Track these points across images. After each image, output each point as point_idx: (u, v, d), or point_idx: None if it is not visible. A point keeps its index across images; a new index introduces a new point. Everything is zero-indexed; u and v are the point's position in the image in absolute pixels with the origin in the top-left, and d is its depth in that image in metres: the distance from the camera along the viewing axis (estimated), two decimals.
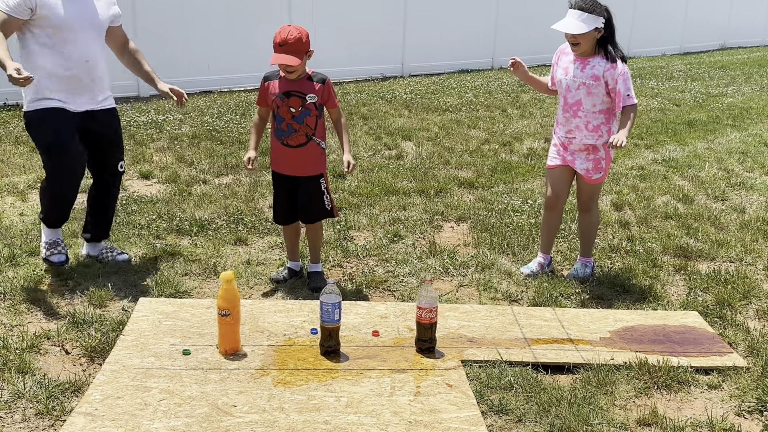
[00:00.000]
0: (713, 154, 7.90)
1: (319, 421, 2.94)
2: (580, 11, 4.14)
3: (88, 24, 4.17)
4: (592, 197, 4.56)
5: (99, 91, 4.30)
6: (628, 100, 4.19)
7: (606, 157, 4.40)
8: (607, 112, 4.31)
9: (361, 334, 3.69)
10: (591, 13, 4.13)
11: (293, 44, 3.86)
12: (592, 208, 4.58)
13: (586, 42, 4.20)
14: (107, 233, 4.61)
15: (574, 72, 4.30)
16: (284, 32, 3.88)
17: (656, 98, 11.32)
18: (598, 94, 4.26)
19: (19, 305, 3.89)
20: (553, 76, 4.50)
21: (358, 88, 11.35)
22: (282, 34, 3.87)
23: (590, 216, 4.59)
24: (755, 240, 5.31)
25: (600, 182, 4.49)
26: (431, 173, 6.77)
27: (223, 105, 9.53)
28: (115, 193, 4.57)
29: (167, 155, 7.09)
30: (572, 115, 4.36)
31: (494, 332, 3.77)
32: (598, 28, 4.15)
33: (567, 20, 4.19)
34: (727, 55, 18.00)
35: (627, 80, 4.19)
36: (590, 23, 4.13)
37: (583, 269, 4.59)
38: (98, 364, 3.36)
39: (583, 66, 4.27)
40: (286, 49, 3.87)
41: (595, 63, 4.24)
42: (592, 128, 4.32)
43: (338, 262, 4.68)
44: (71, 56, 4.10)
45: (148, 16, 9.83)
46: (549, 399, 3.17)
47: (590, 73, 4.25)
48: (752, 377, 3.43)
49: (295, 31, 3.89)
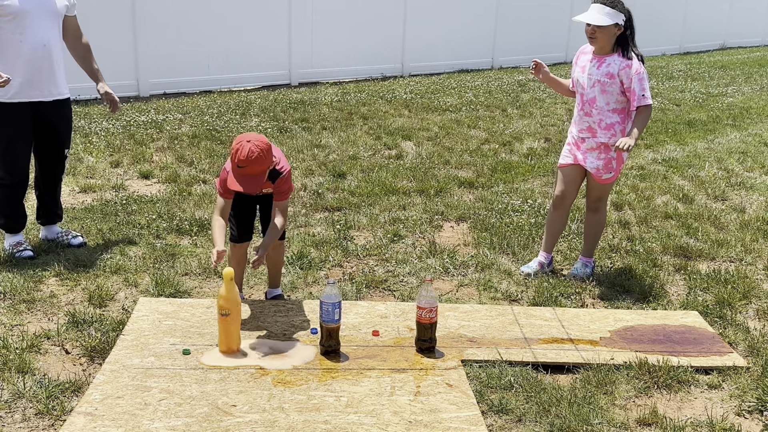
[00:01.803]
0: (713, 153, 7.91)
1: (319, 421, 2.94)
2: (603, 5, 4.17)
3: (45, 11, 4.32)
4: (601, 197, 4.55)
5: (56, 80, 4.45)
6: (642, 100, 4.19)
7: (618, 157, 4.38)
8: (622, 112, 4.31)
9: (361, 333, 3.69)
10: (613, 8, 4.15)
11: (255, 164, 3.40)
12: (601, 208, 4.58)
13: (604, 36, 4.21)
14: (60, 216, 4.82)
15: (590, 69, 4.32)
16: (243, 150, 3.37)
17: (656, 98, 11.31)
18: (613, 92, 4.26)
19: (19, 305, 3.89)
20: (573, 77, 4.51)
21: (358, 87, 11.35)
22: (241, 154, 3.37)
23: (598, 216, 4.58)
24: (755, 240, 5.31)
25: (610, 182, 4.48)
26: (431, 173, 6.77)
27: (223, 105, 9.53)
28: (60, 177, 4.76)
29: (167, 155, 7.08)
30: (586, 113, 4.36)
31: (494, 332, 3.77)
32: (618, 24, 4.17)
33: (590, 12, 4.20)
34: (727, 55, 18.01)
35: (643, 80, 4.20)
36: (611, 18, 4.15)
37: (583, 269, 4.59)
38: (98, 364, 3.36)
39: (599, 64, 4.29)
40: (248, 171, 3.43)
41: (611, 61, 4.25)
42: (605, 126, 4.31)
43: (338, 262, 4.68)
44: (28, 42, 4.26)
45: (148, 15, 9.82)
46: (549, 399, 3.17)
47: (605, 71, 4.26)
48: (752, 377, 3.43)
49: (255, 149, 3.38)
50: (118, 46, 9.57)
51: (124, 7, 9.63)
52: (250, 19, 10.83)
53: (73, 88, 4.91)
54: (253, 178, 3.47)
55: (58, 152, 4.63)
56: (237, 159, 3.40)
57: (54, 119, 4.52)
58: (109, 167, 6.62)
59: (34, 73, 4.33)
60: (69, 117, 4.65)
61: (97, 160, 6.77)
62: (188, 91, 10.37)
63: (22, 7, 4.22)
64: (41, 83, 4.38)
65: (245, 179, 3.46)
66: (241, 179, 3.46)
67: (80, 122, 8.09)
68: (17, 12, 4.21)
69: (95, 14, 9.20)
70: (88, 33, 4.70)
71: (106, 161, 6.77)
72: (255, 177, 3.47)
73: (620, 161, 4.42)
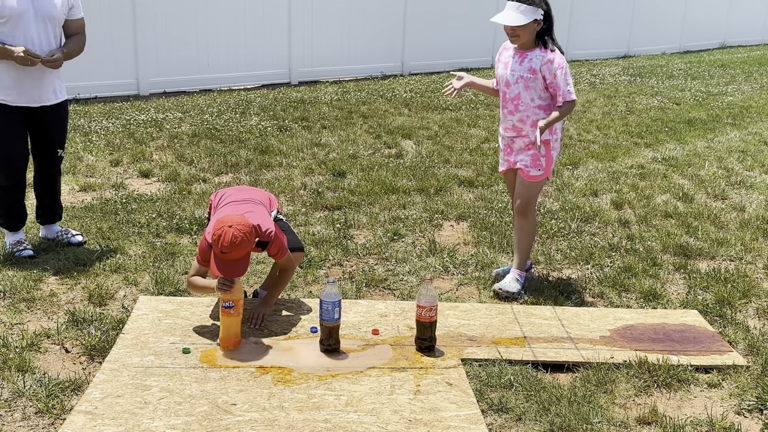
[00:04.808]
0: (713, 152, 7.91)
1: (319, 420, 2.94)
2: (519, 2, 4.00)
3: (41, 15, 4.26)
4: (529, 200, 4.24)
5: (43, 86, 4.38)
6: (568, 95, 4.02)
7: (546, 155, 4.17)
8: (548, 109, 4.12)
9: (361, 332, 3.69)
10: (530, 4, 4.00)
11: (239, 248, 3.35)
12: (529, 212, 4.25)
13: (525, 34, 4.06)
14: (59, 215, 4.81)
15: (513, 66, 4.16)
16: (226, 237, 3.31)
17: (656, 97, 11.32)
18: (536, 88, 4.10)
19: (19, 304, 3.89)
20: (497, 74, 4.31)
21: (358, 86, 11.34)
22: (224, 240, 3.31)
23: (526, 221, 4.27)
24: (755, 239, 5.32)
25: (538, 181, 4.21)
26: (431, 172, 6.77)
27: (222, 103, 9.53)
28: (57, 176, 4.74)
29: (167, 154, 7.08)
30: (510, 112, 4.20)
31: (494, 331, 3.77)
32: (537, 20, 4.02)
33: (506, 12, 4.05)
34: (727, 54, 18.00)
35: (566, 75, 4.05)
36: (529, 15, 4.00)
37: (512, 283, 4.24)
38: (98, 363, 3.36)
39: (521, 59, 4.13)
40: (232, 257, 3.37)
41: (533, 56, 4.10)
42: (532, 123, 4.13)
43: (338, 261, 4.68)
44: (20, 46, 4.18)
45: (148, 14, 9.82)
46: (549, 397, 3.17)
47: (528, 66, 4.10)
48: (752, 376, 3.43)
49: (238, 233, 3.32)
50: (118, 45, 9.57)
51: (124, 5, 9.63)
52: (250, 18, 10.83)
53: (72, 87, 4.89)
54: (237, 263, 3.40)
55: (51, 152, 4.59)
56: (220, 245, 3.32)
57: (46, 121, 4.48)
58: (109, 166, 6.62)
59: (24, 80, 4.27)
60: (62, 119, 4.60)
61: (96, 159, 6.77)
62: (188, 89, 10.36)
63: (17, 10, 4.16)
64: (31, 90, 4.32)
65: (228, 265, 3.38)
66: (225, 265, 3.37)
67: (80, 121, 8.09)
68: (11, 15, 4.15)
69: (95, 13, 9.21)
70: (89, 32, 4.67)
71: (105, 160, 6.77)
72: (238, 261, 3.40)
73: (549, 160, 4.19)
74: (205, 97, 9.98)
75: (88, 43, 4.66)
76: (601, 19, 15.83)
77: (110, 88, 9.62)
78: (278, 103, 9.67)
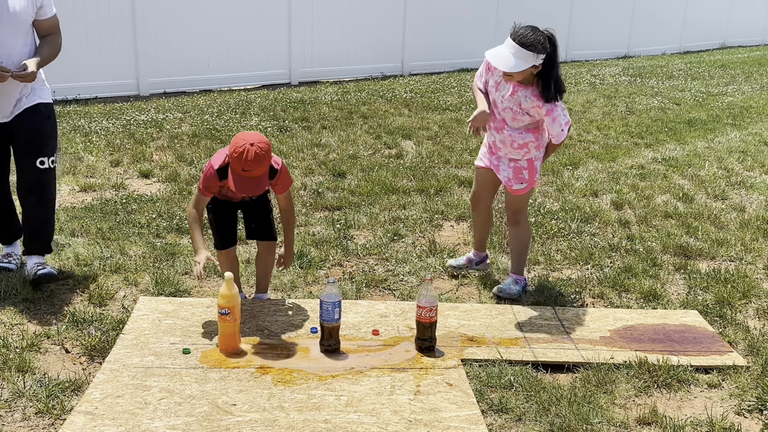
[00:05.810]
0: (713, 153, 7.90)
1: (319, 420, 2.94)
2: (519, 46, 3.67)
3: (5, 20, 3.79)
4: (519, 210, 4.24)
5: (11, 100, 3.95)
6: (561, 135, 3.95)
7: (529, 167, 4.10)
8: (536, 130, 4.04)
9: (361, 332, 3.69)
10: (530, 49, 3.67)
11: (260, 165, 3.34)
12: (521, 221, 4.25)
13: (519, 75, 3.81)
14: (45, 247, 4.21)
15: (503, 92, 3.97)
16: (249, 153, 3.28)
17: (656, 97, 11.32)
18: (523, 120, 3.99)
19: (19, 304, 3.89)
20: (486, 81, 4.11)
21: (358, 86, 11.34)
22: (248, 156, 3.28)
23: (519, 229, 4.27)
24: (755, 239, 5.31)
25: (524, 194, 4.18)
26: (431, 172, 6.77)
27: (223, 104, 9.53)
28: (42, 194, 4.11)
29: (167, 154, 7.08)
30: (497, 129, 4.09)
31: (494, 331, 3.77)
32: (536, 65, 3.75)
33: (502, 52, 3.75)
34: (727, 54, 17.99)
35: (556, 119, 3.87)
36: (527, 61, 3.70)
37: (513, 285, 4.25)
38: (98, 363, 3.37)
39: (512, 90, 3.92)
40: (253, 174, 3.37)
41: (527, 94, 3.89)
42: (518, 146, 4.05)
43: (338, 261, 4.68)
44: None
45: (148, 14, 9.81)
46: (549, 398, 3.17)
47: (517, 101, 3.93)
48: (752, 376, 3.44)
49: (260, 151, 3.31)
50: (118, 46, 9.55)
51: (123, 6, 9.63)
52: (249, 19, 10.83)
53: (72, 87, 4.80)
54: (257, 181, 3.42)
55: (29, 163, 4.02)
56: (243, 162, 3.29)
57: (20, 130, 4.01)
58: (109, 166, 6.62)
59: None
60: (39, 124, 4.02)
61: (97, 159, 6.77)
62: (188, 90, 10.36)
63: None
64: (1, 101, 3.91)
65: (249, 182, 3.40)
66: (244, 183, 3.38)
67: (80, 121, 8.09)
68: None
69: (95, 13, 9.24)
70: (89, 32, 4.62)
71: (106, 160, 6.77)
72: (258, 179, 3.42)
73: (533, 171, 4.12)
74: (205, 98, 9.98)
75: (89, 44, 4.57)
76: (601, 19, 15.82)
77: (110, 88, 9.60)
78: (278, 103, 9.67)
